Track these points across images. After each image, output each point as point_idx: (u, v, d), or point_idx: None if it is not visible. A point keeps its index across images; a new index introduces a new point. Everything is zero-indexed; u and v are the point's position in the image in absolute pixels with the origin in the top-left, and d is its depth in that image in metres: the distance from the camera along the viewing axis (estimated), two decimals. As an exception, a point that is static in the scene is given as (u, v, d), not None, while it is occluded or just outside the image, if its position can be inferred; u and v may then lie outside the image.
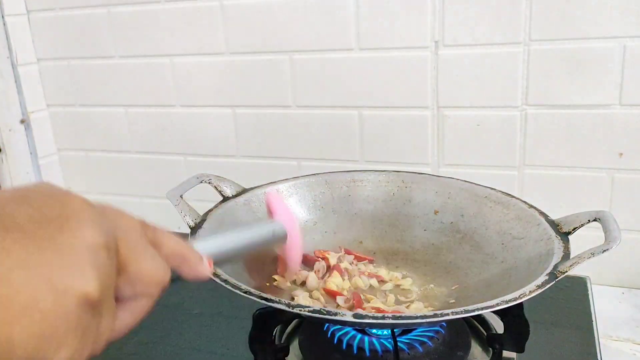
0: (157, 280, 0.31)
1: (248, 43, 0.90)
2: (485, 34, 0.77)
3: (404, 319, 0.46)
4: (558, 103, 0.76)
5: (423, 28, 0.80)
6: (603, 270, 0.79)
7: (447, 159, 0.84)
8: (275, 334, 0.60)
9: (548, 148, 0.78)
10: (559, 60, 0.74)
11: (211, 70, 0.94)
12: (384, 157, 0.87)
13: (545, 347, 0.61)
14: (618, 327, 0.69)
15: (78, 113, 1.07)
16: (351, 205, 0.71)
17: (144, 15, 0.95)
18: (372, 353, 0.55)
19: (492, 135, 0.80)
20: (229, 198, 0.66)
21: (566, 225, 0.56)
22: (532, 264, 0.54)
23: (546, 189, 0.79)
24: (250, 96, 0.93)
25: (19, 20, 1.02)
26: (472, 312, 0.44)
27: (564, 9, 0.72)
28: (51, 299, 0.24)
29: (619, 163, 0.75)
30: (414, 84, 0.82)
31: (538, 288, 0.45)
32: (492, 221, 0.63)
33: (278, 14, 0.87)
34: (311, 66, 0.87)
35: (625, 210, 0.76)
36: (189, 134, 0.98)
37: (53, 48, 1.04)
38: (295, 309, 0.44)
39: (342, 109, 0.88)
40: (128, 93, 1.01)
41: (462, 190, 0.68)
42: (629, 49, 0.71)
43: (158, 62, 0.97)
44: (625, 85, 0.72)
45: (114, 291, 0.28)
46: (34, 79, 1.06)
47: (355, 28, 0.83)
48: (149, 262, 0.30)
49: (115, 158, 1.06)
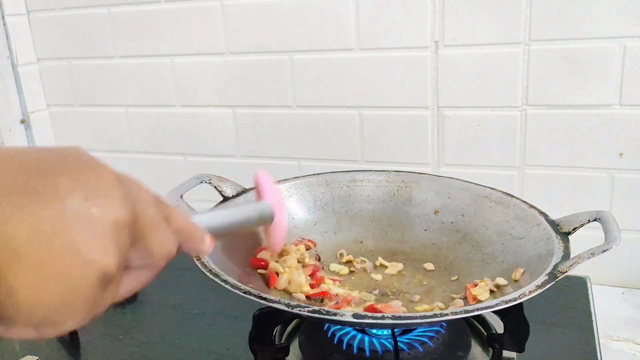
0: (165, 253, 0.32)
1: (248, 43, 0.90)
2: (485, 34, 0.77)
3: (404, 319, 0.46)
4: (558, 103, 0.76)
5: (423, 28, 0.80)
6: (603, 270, 0.79)
7: (447, 159, 0.84)
8: (275, 334, 0.60)
9: (548, 148, 0.78)
10: (559, 60, 0.74)
11: (211, 70, 0.94)
12: (384, 157, 0.87)
13: (545, 347, 0.61)
14: (618, 327, 0.69)
15: (78, 113, 1.07)
16: (351, 205, 0.72)
17: (144, 15, 0.95)
18: (372, 353, 0.55)
19: (492, 135, 0.80)
20: (229, 198, 0.66)
21: (566, 225, 0.56)
22: (532, 264, 0.54)
23: (546, 189, 0.79)
24: (250, 96, 0.93)
25: (19, 20, 1.02)
26: (472, 312, 0.44)
27: (564, 9, 0.72)
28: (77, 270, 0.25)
29: (619, 163, 0.75)
30: (414, 84, 0.82)
31: (538, 288, 0.46)
32: (492, 221, 0.63)
33: (278, 14, 0.87)
34: (311, 66, 0.87)
35: (625, 210, 0.76)
36: (189, 134, 0.98)
37: (53, 48, 1.04)
38: (295, 309, 0.44)
39: (342, 109, 0.88)
40: (128, 93, 1.01)
41: (462, 190, 0.68)
42: (629, 49, 0.71)
43: (158, 62, 0.97)
44: (625, 85, 0.72)
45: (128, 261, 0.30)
46: (34, 79, 1.06)
47: (355, 28, 0.83)
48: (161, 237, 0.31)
49: (115, 158, 1.06)
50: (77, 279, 0.25)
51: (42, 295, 0.24)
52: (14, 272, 0.23)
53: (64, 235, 0.25)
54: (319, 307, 0.45)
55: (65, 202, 0.25)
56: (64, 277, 0.25)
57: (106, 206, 0.26)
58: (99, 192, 0.26)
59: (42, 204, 0.25)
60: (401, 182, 0.71)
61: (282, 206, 0.57)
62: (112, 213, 0.27)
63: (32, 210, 0.24)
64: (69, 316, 0.26)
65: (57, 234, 0.24)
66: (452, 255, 0.64)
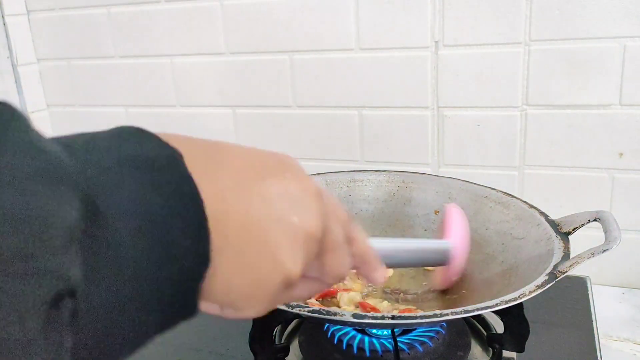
0: (339, 273, 0.32)
1: (248, 43, 0.90)
2: (485, 34, 0.77)
3: (404, 319, 0.46)
4: (558, 103, 0.76)
5: (423, 28, 0.80)
6: (603, 270, 0.79)
7: (447, 159, 0.84)
8: (275, 334, 0.60)
9: (548, 148, 0.78)
10: (559, 60, 0.74)
11: (211, 70, 0.94)
12: (384, 157, 0.87)
13: (545, 347, 0.61)
14: (618, 327, 0.69)
15: (78, 113, 1.07)
16: (351, 205, 0.72)
17: (144, 15, 0.95)
18: (372, 353, 0.55)
19: (492, 135, 0.80)
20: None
21: (566, 225, 0.56)
22: (532, 264, 0.54)
23: (546, 189, 0.79)
24: (250, 96, 0.93)
25: (19, 20, 1.02)
26: (472, 312, 0.44)
27: (564, 9, 0.72)
28: (268, 268, 0.27)
29: (619, 163, 0.75)
30: (414, 84, 0.82)
31: (538, 288, 0.45)
32: (492, 221, 0.63)
33: (278, 14, 0.87)
34: (311, 66, 0.87)
35: (626, 210, 0.76)
36: (189, 134, 0.98)
37: (53, 48, 1.04)
38: (295, 309, 0.44)
39: (342, 109, 0.88)
40: (128, 93, 1.01)
41: (462, 190, 0.68)
42: (629, 49, 0.71)
43: (158, 62, 0.97)
44: (625, 85, 0.72)
45: None
46: (34, 79, 1.06)
47: (355, 28, 0.83)
48: (341, 258, 0.32)
49: (115, 158, 1.06)
50: (266, 275, 0.27)
51: (235, 282, 0.26)
52: (220, 256, 0.25)
53: (265, 234, 0.27)
54: (319, 307, 0.45)
55: (273, 205, 0.27)
56: (256, 271, 0.27)
57: (306, 217, 0.28)
58: (302, 203, 0.28)
59: (255, 200, 0.27)
60: (401, 182, 0.71)
61: (465, 249, 0.53)
62: (308, 225, 0.28)
63: (247, 201, 0.26)
64: (250, 305, 0.28)
65: (261, 231, 0.26)
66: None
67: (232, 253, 0.26)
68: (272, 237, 0.27)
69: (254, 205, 0.27)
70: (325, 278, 0.32)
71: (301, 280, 0.30)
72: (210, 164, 0.27)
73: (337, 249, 0.31)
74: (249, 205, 0.26)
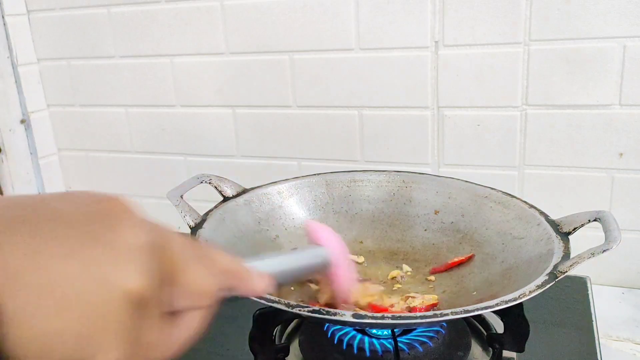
0: (205, 290, 0.31)
1: (248, 43, 0.90)
2: (485, 34, 0.77)
3: (404, 319, 0.46)
4: (558, 103, 0.76)
5: (423, 28, 0.80)
6: (603, 270, 0.79)
7: (447, 159, 0.84)
8: (275, 334, 0.60)
9: (548, 148, 0.78)
10: (559, 60, 0.74)
11: (211, 70, 0.94)
12: (384, 157, 0.87)
13: (545, 347, 0.61)
14: (618, 327, 0.69)
15: (78, 113, 1.07)
16: (351, 205, 0.72)
17: (144, 15, 0.95)
18: (372, 353, 0.55)
19: (492, 135, 0.80)
20: (229, 198, 0.66)
21: (566, 225, 0.56)
22: (532, 264, 0.54)
23: (546, 189, 0.79)
24: (250, 96, 0.93)
25: (19, 20, 1.02)
26: (472, 312, 0.44)
27: (564, 9, 0.72)
28: (95, 293, 0.23)
29: (619, 163, 0.75)
30: (414, 84, 0.82)
31: (538, 288, 0.45)
32: (492, 221, 0.63)
33: (278, 14, 0.87)
34: (311, 66, 0.87)
35: (625, 210, 0.76)
36: (189, 134, 0.98)
37: (53, 48, 1.04)
38: (295, 309, 0.44)
39: (342, 109, 0.88)
40: (128, 93, 1.01)
41: (463, 190, 0.68)
42: (629, 49, 0.71)
43: (158, 62, 0.97)
44: (625, 85, 0.72)
45: (167, 304, 0.29)
46: (34, 79, 1.06)
47: (355, 28, 0.83)
48: (197, 273, 0.30)
49: (115, 158, 1.06)
50: (95, 303, 0.23)
51: (55, 327, 0.22)
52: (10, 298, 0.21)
53: (77, 260, 0.23)
54: (319, 307, 0.45)
55: (74, 227, 0.24)
56: (78, 304, 0.22)
57: (123, 229, 0.25)
58: (112, 217, 0.25)
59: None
60: (401, 182, 0.71)
61: (342, 250, 0.53)
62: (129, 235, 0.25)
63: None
64: (96, 349, 0.23)
65: (70, 257, 0.23)
66: (453, 255, 0.64)
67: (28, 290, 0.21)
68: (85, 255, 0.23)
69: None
70: (194, 300, 0.30)
71: (173, 318, 0.29)
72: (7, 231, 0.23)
73: (189, 266, 0.29)
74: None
